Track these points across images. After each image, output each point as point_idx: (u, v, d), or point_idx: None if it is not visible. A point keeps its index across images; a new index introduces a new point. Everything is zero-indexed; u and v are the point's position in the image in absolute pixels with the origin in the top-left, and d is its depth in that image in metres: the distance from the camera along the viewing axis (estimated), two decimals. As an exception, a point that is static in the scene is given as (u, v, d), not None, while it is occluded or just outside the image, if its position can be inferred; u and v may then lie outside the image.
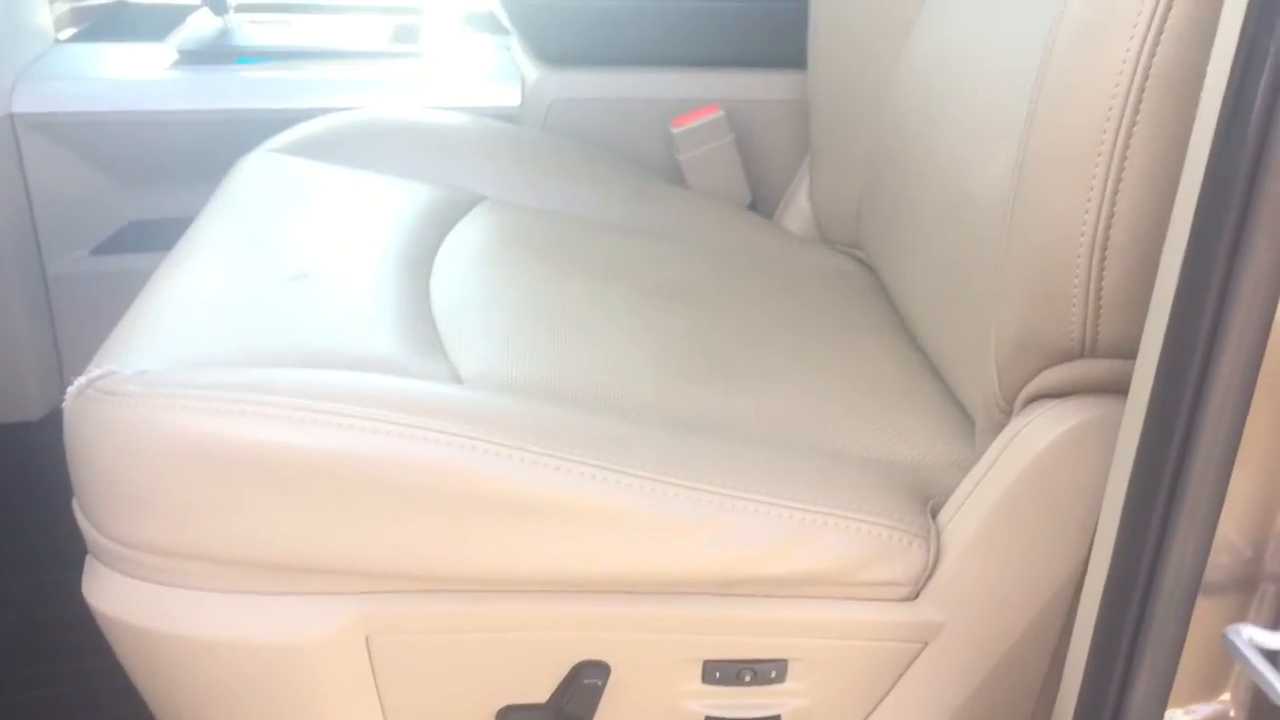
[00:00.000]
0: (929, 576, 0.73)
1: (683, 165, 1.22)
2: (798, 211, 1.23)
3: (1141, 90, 0.60)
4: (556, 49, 1.24)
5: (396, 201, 1.04)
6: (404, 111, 1.17)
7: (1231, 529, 0.58)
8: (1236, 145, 0.51)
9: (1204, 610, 0.59)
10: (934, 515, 0.76)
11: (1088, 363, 0.69)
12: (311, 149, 1.11)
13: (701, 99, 1.23)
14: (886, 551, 0.72)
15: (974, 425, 0.86)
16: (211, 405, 0.65)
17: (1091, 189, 0.63)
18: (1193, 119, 0.59)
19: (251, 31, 1.30)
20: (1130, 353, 0.67)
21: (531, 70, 1.25)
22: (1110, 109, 0.61)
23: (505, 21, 1.28)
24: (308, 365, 0.74)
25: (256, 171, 1.06)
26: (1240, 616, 0.59)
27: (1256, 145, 0.50)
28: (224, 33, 1.29)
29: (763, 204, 1.27)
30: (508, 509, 0.67)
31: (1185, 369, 0.54)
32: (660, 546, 0.69)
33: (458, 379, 0.80)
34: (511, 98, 1.25)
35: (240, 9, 1.35)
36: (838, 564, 0.71)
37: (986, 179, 0.84)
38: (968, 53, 0.92)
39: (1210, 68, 0.55)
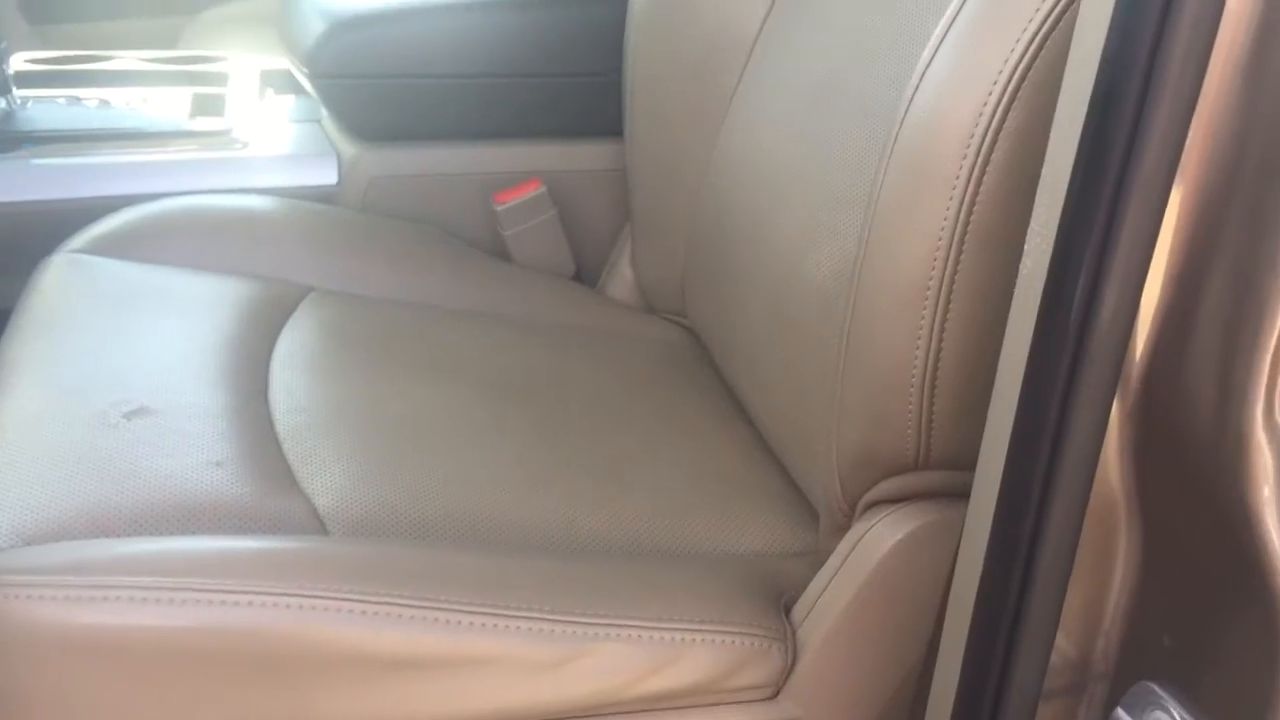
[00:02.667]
0: (788, 675, 0.78)
1: (507, 240, 1.23)
2: (621, 279, 1.26)
3: (962, 244, 0.66)
4: (373, 126, 1.23)
5: (219, 304, 1.01)
6: (215, 199, 1.14)
7: (1064, 636, 0.64)
8: (1066, 287, 0.56)
9: (1044, 712, 0.65)
10: (788, 611, 0.80)
11: (922, 474, 0.75)
12: (118, 247, 1.06)
13: (523, 171, 1.24)
14: (750, 658, 0.76)
15: (810, 508, 0.91)
16: (70, 593, 0.63)
17: (920, 328, 0.68)
18: (1011, 264, 0.65)
19: (39, 113, 1.23)
20: (959, 464, 0.73)
21: (348, 147, 1.23)
22: (934, 260, 0.66)
23: (316, 98, 1.25)
24: (159, 525, 0.72)
25: (62, 279, 1.01)
26: (1071, 717, 0.66)
27: (1088, 285, 0.55)
28: (7, 116, 1.21)
29: (586, 272, 1.29)
30: (386, 666, 0.67)
31: (1027, 486, 0.60)
32: (537, 682, 0.71)
33: (315, 515, 0.79)
34: (328, 176, 1.23)
35: (18, 82, 1.27)
36: (706, 676, 0.75)
37: (811, 281, 0.88)
38: (784, 156, 0.96)
39: (1031, 227, 0.60)
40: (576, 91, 1.25)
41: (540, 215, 1.23)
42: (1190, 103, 0.50)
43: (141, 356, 0.90)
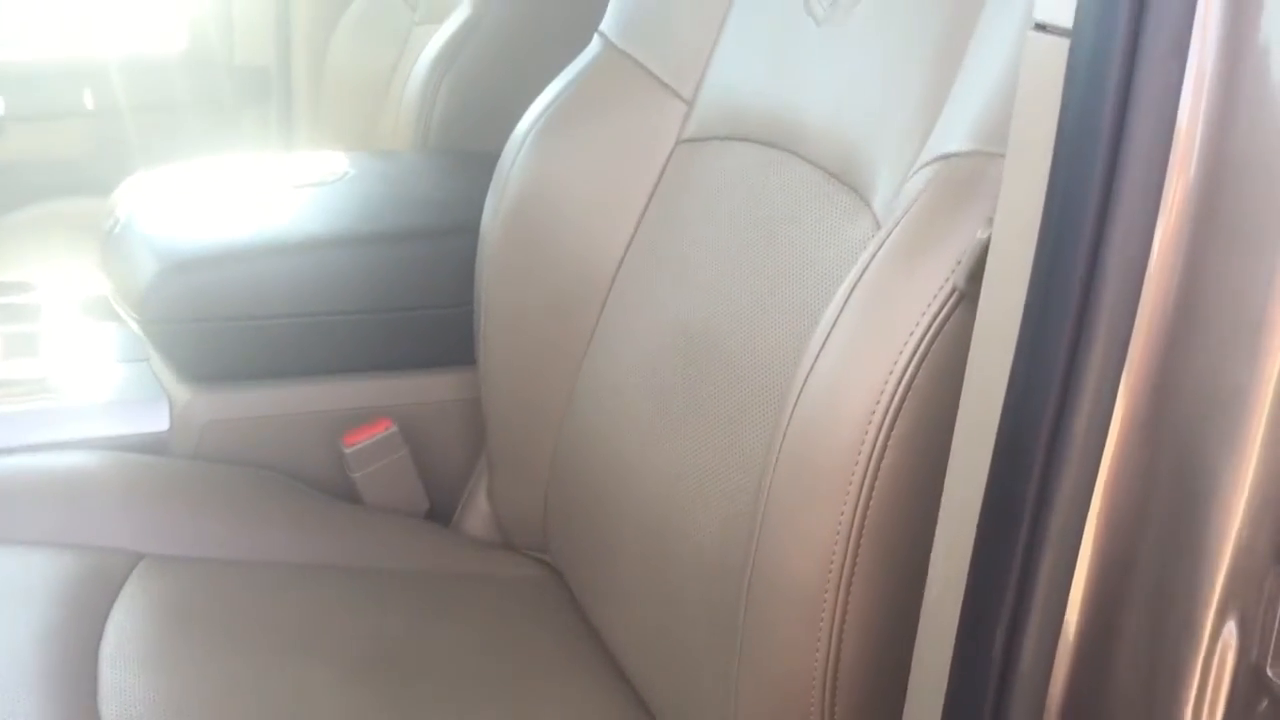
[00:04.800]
0: None
1: (356, 482, 1.16)
2: (477, 514, 1.20)
3: (858, 549, 0.64)
4: (207, 367, 1.15)
5: (33, 588, 0.91)
6: (26, 459, 1.04)
7: None
8: (982, 624, 0.54)
9: None
10: None
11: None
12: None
13: (371, 407, 1.19)
14: None
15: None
16: None
17: (819, 635, 0.65)
18: (909, 562, 0.63)
19: None
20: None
21: (180, 389, 1.15)
22: (830, 566, 0.64)
23: (143, 338, 1.17)
24: None
25: None
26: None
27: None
28: None
29: (440, 508, 1.23)
30: None
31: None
32: None
33: None
34: (158, 422, 1.14)
35: None
36: None
37: (688, 541, 0.86)
38: (651, 406, 0.94)
39: (936, 550, 0.58)
40: (425, 324, 1.21)
41: (391, 454, 1.17)
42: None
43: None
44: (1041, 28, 0.50)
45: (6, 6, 2.17)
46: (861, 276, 0.65)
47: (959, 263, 0.62)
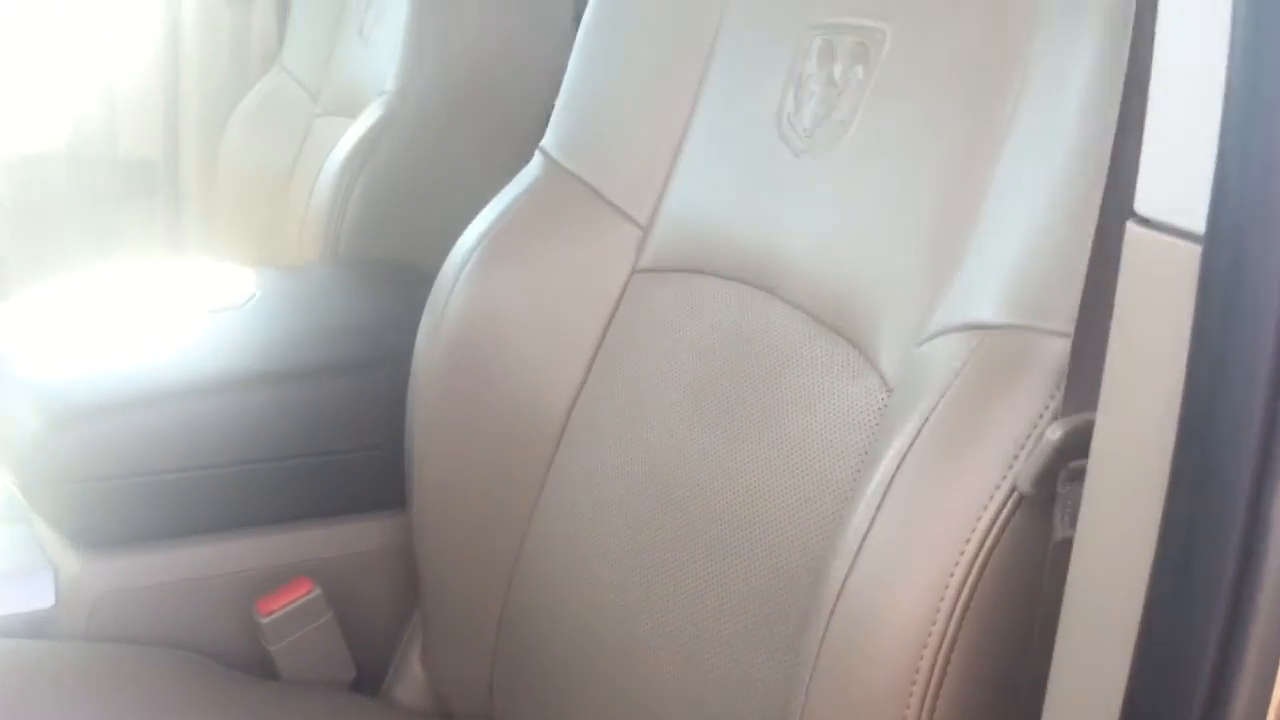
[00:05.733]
0: None
1: (274, 655, 1.02)
2: (410, 681, 1.08)
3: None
4: (100, 531, 1.01)
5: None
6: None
7: None
8: None
9: None
10: None
11: None
12: None
13: (288, 564, 1.06)
14: None
15: None
16: None
17: None
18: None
19: None
20: None
21: (67, 557, 1.01)
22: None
23: (22, 501, 1.03)
24: None
25: None
26: None
27: None
28: None
29: (368, 673, 1.10)
30: None
31: None
32: None
33: None
34: (41, 599, 0.99)
35: None
36: None
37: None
38: (621, 569, 0.84)
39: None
40: (347, 468, 1.09)
41: (313, 621, 1.04)
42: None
43: None
44: (1145, 222, 0.41)
45: None
46: (899, 468, 0.56)
47: (1015, 457, 0.53)
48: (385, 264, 1.37)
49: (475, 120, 1.49)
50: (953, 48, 0.70)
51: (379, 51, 1.61)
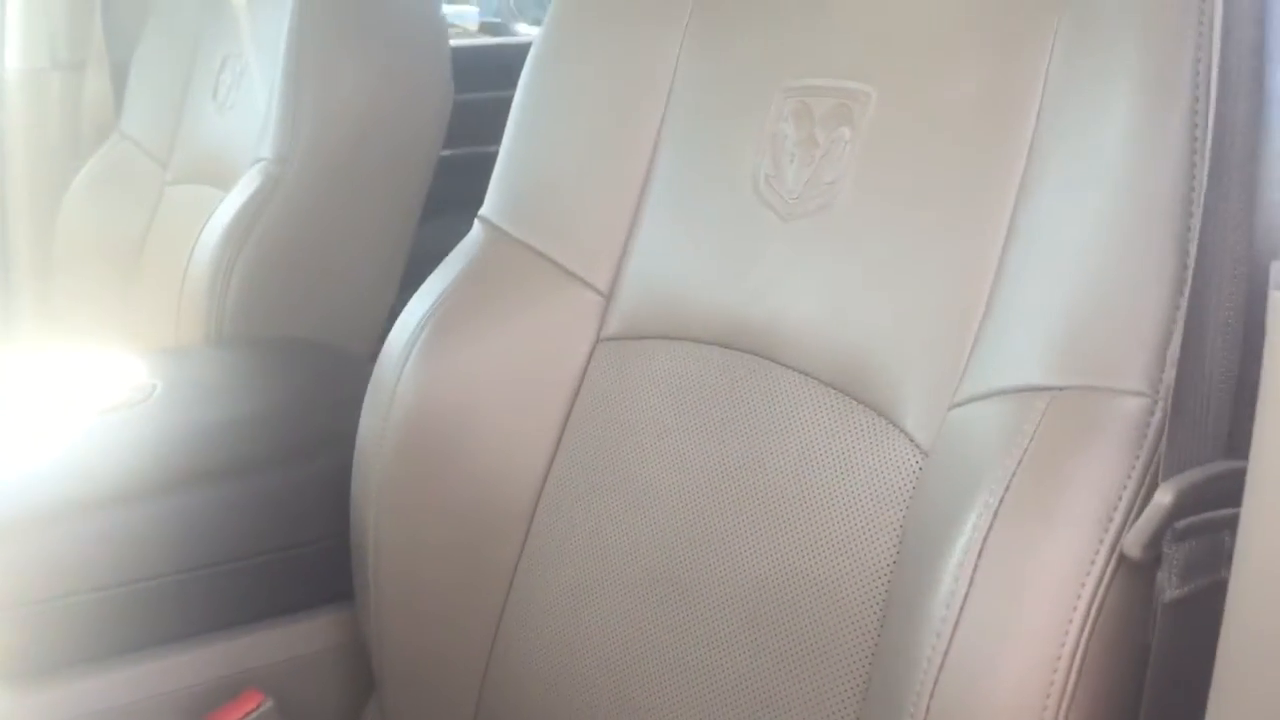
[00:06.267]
0: None
1: (230, 777, 0.95)
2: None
3: None
4: (14, 663, 0.91)
5: None
6: None
7: None
8: None
9: None
10: None
11: None
12: None
13: (233, 675, 0.98)
14: None
15: None
16: None
17: None
18: None
19: None
20: None
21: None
22: None
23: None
24: None
25: None
26: None
27: None
28: None
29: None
30: None
31: None
32: None
33: None
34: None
35: None
36: None
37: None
38: (623, 657, 0.81)
39: None
40: (287, 566, 1.02)
41: (270, 734, 0.96)
42: None
43: None
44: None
45: None
46: (984, 546, 0.56)
47: (1110, 519, 0.54)
48: (288, 341, 1.30)
49: (360, 186, 1.44)
50: (949, 101, 0.70)
51: (240, 117, 1.54)
